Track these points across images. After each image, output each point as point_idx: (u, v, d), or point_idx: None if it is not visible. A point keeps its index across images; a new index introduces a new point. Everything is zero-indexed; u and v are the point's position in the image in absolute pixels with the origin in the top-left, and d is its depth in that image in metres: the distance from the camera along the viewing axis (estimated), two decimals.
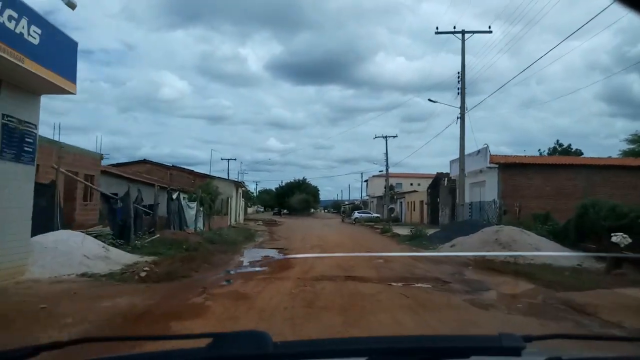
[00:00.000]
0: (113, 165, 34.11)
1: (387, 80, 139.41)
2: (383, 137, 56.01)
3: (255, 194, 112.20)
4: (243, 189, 47.14)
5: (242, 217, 45.65)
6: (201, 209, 22.56)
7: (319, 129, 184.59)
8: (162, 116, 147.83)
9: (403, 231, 29.08)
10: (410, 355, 1.23)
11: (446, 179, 36.03)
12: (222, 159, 73.43)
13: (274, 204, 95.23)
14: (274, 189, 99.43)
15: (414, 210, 49.58)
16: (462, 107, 22.45)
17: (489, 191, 26.88)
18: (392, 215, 55.03)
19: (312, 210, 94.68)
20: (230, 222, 33.94)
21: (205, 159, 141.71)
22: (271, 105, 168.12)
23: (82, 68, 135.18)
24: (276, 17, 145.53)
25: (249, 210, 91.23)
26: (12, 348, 1.13)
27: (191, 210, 20.94)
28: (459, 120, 22.55)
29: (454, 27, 22.97)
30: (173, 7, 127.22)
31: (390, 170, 57.63)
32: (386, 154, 55.91)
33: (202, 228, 22.28)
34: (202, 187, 26.43)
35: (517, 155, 28.50)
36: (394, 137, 56.09)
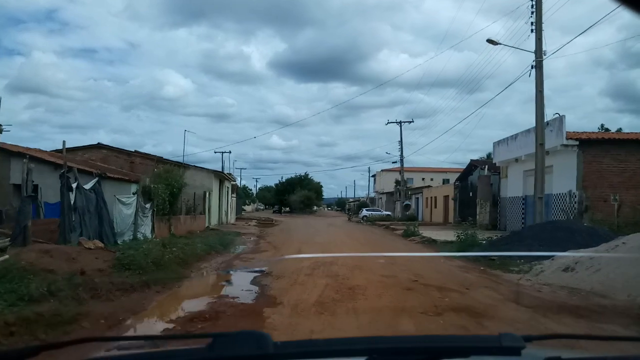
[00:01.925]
0: (58, 150, 26.70)
1: (391, 77, 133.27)
2: (397, 122, 48.74)
3: (254, 191, 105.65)
4: (232, 182, 39.60)
5: (231, 216, 38.16)
6: (148, 206, 15.06)
7: (322, 126, 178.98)
8: (165, 114, 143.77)
9: (435, 234, 21.49)
10: (410, 355, 1.20)
11: (486, 166, 28.40)
12: (215, 152, 65.93)
13: (274, 202, 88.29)
14: (274, 185, 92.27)
15: (435, 207, 41.98)
16: (539, 50, 14.85)
17: (560, 179, 19.26)
18: (407, 213, 47.55)
19: (315, 208, 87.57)
20: (210, 223, 26.44)
21: (208, 157, 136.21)
22: (274, 103, 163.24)
23: (86, 67, 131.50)
24: (280, 15, 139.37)
25: (248, 208, 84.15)
26: (12, 348, 0.85)
27: (125, 209, 13.48)
28: (533, 70, 14.95)
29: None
30: (176, 5, 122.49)
31: (398, 166, 50.26)
32: (400, 141, 48.58)
33: (149, 235, 14.81)
34: (159, 175, 18.93)
35: (601, 132, 20.81)
36: (410, 122, 48.34)
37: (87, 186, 11.92)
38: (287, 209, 78.86)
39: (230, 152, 54.95)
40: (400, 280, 9.26)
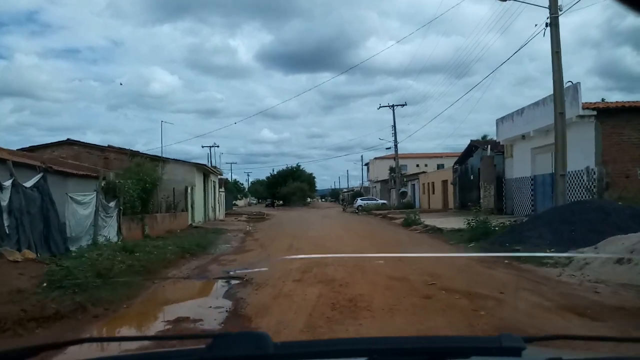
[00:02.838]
0: (24, 149, 24.49)
1: (380, 64, 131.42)
2: (389, 106, 46.73)
3: (246, 185, 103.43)
4: (219, 176, 37.47)
5: (219, 212, 36.10)
6: (112, 204, 12.99)
7: (312, 117, 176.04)
8: (154, 112, 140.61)
9: (438, 222, 19.63)
10: (410, 355, 1.19)
11: (488, 146, 26.50)
12: (202, 147, 63.41)
13: (266, 195, 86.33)
14: (265, 179, 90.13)
15: (433, 193, 40.15)
16: (554, 4, 12.88)
17: (575, 155, 17.33)
18: (404, 200, 45.77)
19: (309, 199, 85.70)
20: (193, 220, 24.39)
21: (199, 154, 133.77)
22: (263, 96, 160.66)
23: (70, 67, 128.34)
24: (265, 6, 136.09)
25: (240, 203, 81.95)
26: (12, 348, 1.12)
27: (82, 209, 11.41)
28: (548, 27, 12.97)
29: None
30: (159, 1, 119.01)
31: (392, 152, 48.35)
32: (394, 125, 46.61)
33: (114, 238, 12.77)
34: (129, 169, 16.85)
35: (620, 101, 18.95)
36: (403, 105, 46.32)
37: (29, 183, 9.85)
38: (280, 202, 76.86)
39: (218, 146, 52.76)
40: (413, 284, 7.32)
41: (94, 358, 1.40)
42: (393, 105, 46.37)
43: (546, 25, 12.86)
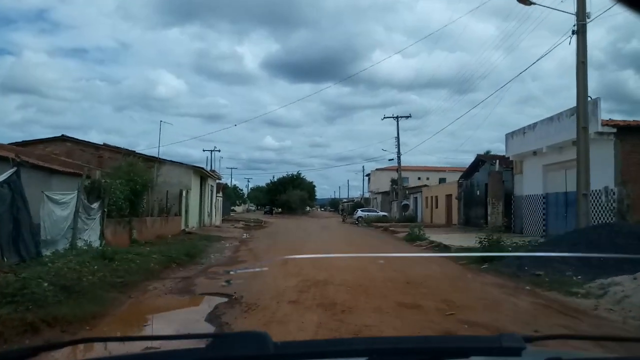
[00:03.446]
0: (16, 143, 23.53)
1: (383, 77, 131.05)
2: (393, 117, 45.89)
3: (245, 191, 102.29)
4: (217, 180, 36.44)
5: (216, 217, 35.02)
6: (95, 206, 11.96)
7: (315, 127, 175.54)
8: (158, 115, 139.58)
9: (444, 238, 18.61)
10: (410, 355, 1.18)
11: (497, 161, 25.51)
12: (204, 150, 62.41)
13: (265, 202, 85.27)
14: (265, 185, 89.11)
15: (436, 207, 39.12)
16: (581, 10, 11.96)
17: (592, 174, 16.33)
18: (406, 213, 44.71)
19: (308, 208, 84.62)
20: (187, 225, 23.33)
21: (200, 158, 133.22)
22: (267, 103, 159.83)
23: (77, 67, 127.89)
24: (273, 15, 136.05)
25: (239, 209, 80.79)
26: (12, 348, 0.85)
27: (59, 209, 10.38)
28: (574, 35, 12.04)
29: None
30: (169, 5, 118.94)
31: (394, 164, 47.33)
32: (397, 137, 45.71)
33: (96, 242, 11.74)
34: (119, 169, 15.86)
35: None
36: (407, 117, 45.48)
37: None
38: (279, 209, 75.76)
39: (219, 150, 51.86)
40: (428, 313, 6.28)
41: (94, 358, 1.47)
42: (397, 117, 45.58)
43: (572, 33, 11.93)
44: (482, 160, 28.86)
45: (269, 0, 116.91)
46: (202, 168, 28.34)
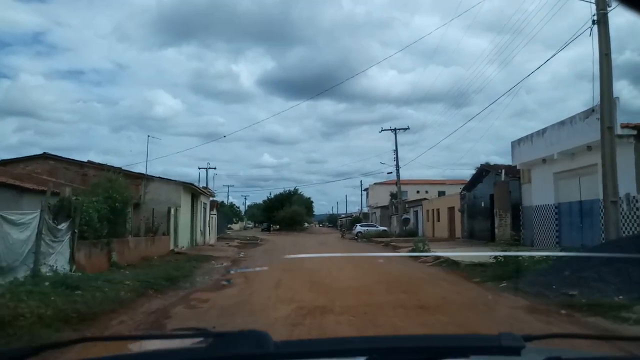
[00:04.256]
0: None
1: (380, 93, 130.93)
2: (391, 129, 44.84)
3: (243, 209, 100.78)
4: (211, 198, 35.11)
5: (210, 236, 33.60)
6: (63, 227, 10.62)
7: (312, 143, 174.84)
8: (156, 134, 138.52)
9: (451, 253, 17.25)
10: (410, 354, 1.17)
11: (502, 171, 24.29)
12: (199, 168, 60.96)
13: (263, 219, 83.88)
14: (262, 202, 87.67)
15: (438, 220, 37.82)
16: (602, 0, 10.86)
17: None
18: (406, 228, 43.39)
19: (306, 224, 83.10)
20: (176, 245, 21.95)
21: (197, 176, 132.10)
22: (265, 121, 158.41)
23: (73, 89, 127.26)
24: (269, 33, 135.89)
25: (235, 227, 79.16)
26: (12, 348, 1.02)
27: (16, 231, 9.04)
28: (595, 26, 10.93)
29: None
30: (165, 25, 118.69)
31: (393, 177, 46.20)
32: (396, 150, 44.64)
33: (65, 267, 10.39)
34: (97, 185, 14.56)
35: None
36: (405, 129, 44.47)
37: None
38: (277, 226, 74.28)
39: (214, 167, 50.57)
40: None
41: (94, 358, 1.37)
42: (395, 129, 44.61)
43: (593, 23, 10.82)
44: (486, 171, 27.67)
45: (265, 19, 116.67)
46: (193, 185, 27.04)
